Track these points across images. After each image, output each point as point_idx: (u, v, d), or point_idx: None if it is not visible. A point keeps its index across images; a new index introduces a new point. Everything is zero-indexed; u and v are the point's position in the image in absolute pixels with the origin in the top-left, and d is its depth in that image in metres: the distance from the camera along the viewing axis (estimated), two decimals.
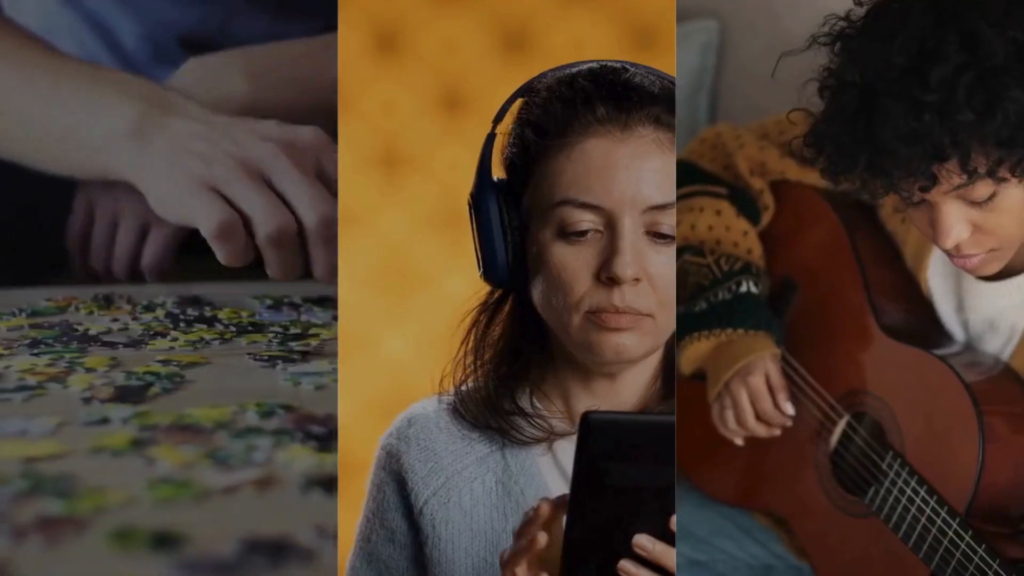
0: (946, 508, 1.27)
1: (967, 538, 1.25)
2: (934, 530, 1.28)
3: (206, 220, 1.37)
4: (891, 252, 1.39)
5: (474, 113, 2.04)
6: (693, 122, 1.81)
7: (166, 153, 1.41)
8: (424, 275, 2.06)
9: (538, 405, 1.17)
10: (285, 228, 1.37)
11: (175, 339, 1.37)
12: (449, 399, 1.19)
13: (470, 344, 1.19)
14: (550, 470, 1.17)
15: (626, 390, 1.17)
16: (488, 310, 1.20)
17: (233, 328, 1.42)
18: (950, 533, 1.26)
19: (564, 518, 0.99)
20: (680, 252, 1.43)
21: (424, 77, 2.06)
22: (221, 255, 1.38)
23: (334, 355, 1.33)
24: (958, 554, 1.26)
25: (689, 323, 1.42)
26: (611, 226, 1.11)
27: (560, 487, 1.12)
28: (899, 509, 1.31)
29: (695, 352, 1.42)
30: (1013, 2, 1.15)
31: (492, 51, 2.05)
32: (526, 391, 1.18)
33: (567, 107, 1.13)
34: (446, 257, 2.04)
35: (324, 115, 1.55)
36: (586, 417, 0.97)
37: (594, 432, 0.97)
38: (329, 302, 1.50)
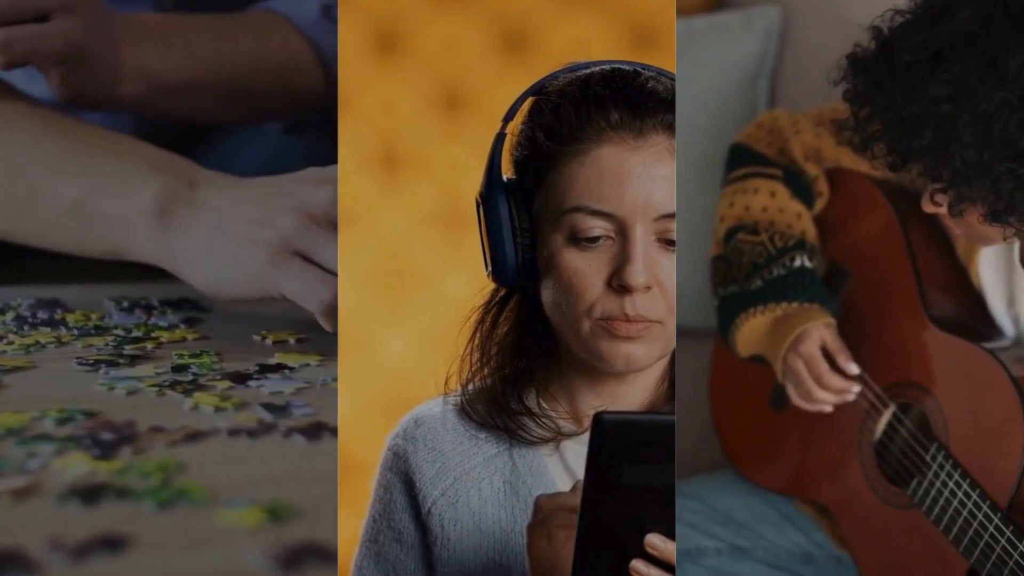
0: (988, 503, 1.27)
1: (1008, 533, 1.25)
2: (975, 524, 1.28)
3: (306, 291, 1.25)
4: (943, 243, 1.39)
5: (474, 113, 2.05)
6: (752, 107, 1.81)
7: (206, 228, 1.28)
8: (424, 275, 2.06)
9: (544, 405, 1.17)
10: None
11: (10, 343, 1.34)
12: (455, 399, 1.19)
13: (476, 342, 1.19)
14: (558, 470, 1.16)
15: (633, 391, 1.17)
16: (492, 309, 1.19)
17: (76, 331, 1.38)
18: (991, 528, 1.26)
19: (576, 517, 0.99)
20: (734, 231, 1.44)
21: (424, 77, 2.06)
22: (329, 325, 1.26)
23: (164, 359, 1.29)
24: (998, 549, 1.26)
25: (744, 301, 1.41)
26: (623, 233, 1.11)
27: (568, 488, 1.12)
28: (941, 502, 1.31)
29: (751, 330, 1.41)
30: None
31: (492, 51, 2.05)
32: (532, 391, 1.17)
33: (580, 112, 1.13)
34: (446, 257, 2.04)
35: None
36: (599, 417, 0.97)
37: (607, 432, 0.97)
38: (187, 304, 1.47)
